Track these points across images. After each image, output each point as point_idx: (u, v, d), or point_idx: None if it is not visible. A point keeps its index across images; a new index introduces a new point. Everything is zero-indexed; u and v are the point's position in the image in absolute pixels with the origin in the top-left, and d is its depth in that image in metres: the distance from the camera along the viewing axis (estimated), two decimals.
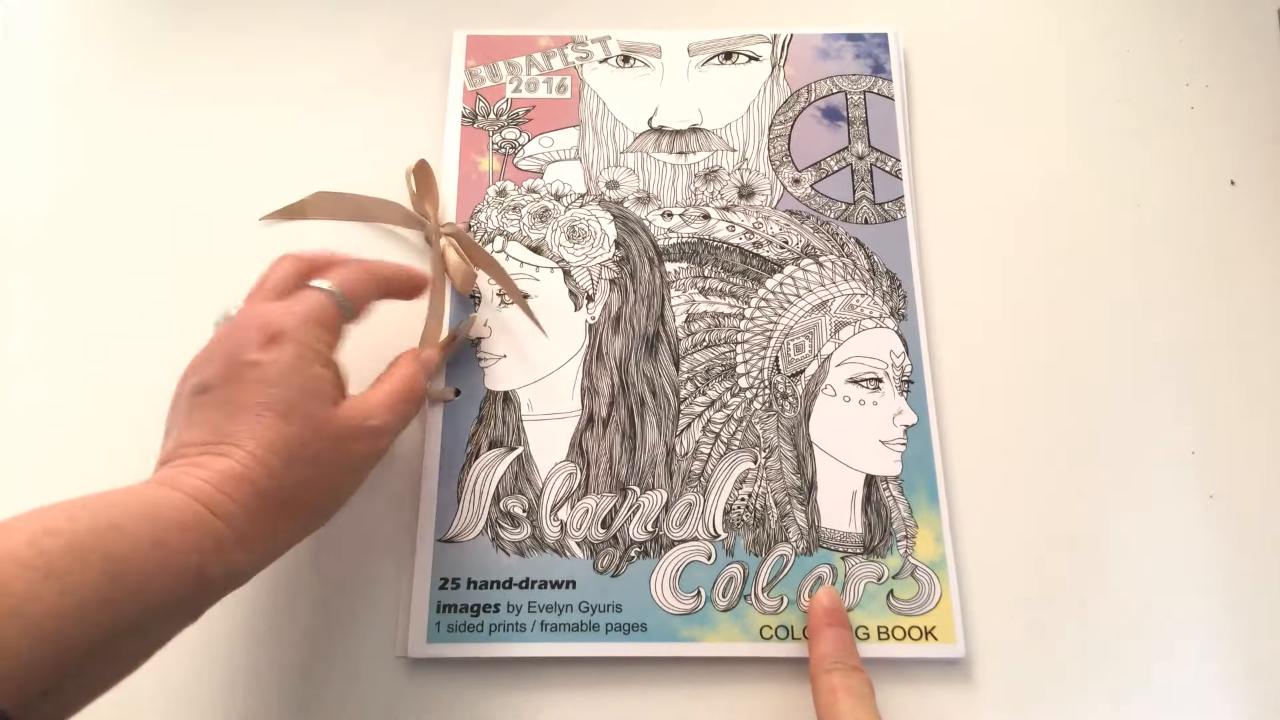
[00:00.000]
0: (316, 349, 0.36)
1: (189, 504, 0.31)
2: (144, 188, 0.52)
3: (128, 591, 0.28)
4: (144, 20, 0.56)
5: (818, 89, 0.53)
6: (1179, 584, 0.44)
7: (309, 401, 0.35)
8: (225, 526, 0.32)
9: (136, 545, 0.29)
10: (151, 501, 0.31)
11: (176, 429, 0.35)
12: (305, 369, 0.35)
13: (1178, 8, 0.56)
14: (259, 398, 0.34)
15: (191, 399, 0.35)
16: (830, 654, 0.39)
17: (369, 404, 0.37)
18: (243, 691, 0.42)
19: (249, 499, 0.32)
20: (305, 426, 0.34)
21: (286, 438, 0.34)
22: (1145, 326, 0.49)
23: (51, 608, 0.26)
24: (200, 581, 0.31)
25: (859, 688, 0.38)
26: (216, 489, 0.32)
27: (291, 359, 0.35)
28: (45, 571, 0.26)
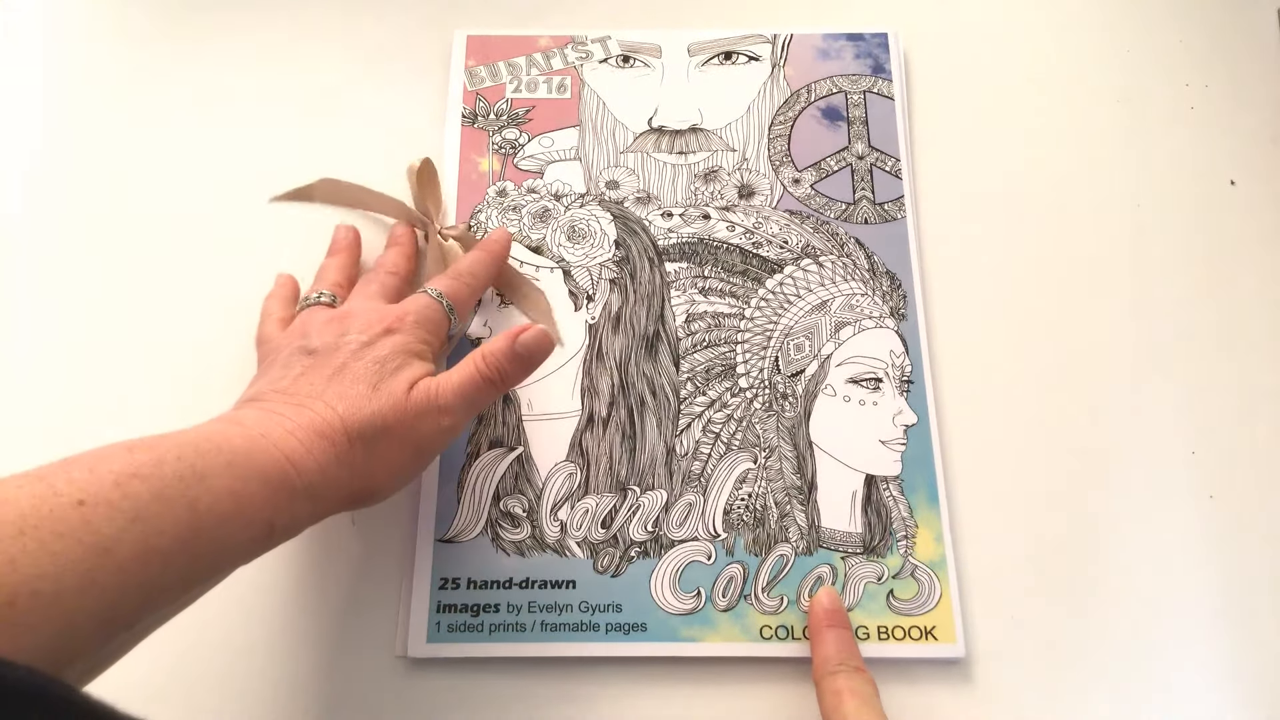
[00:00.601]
0: (418, 345, 0.40)
1: (274, 455, 0.32)
2: (144, 187, 0.52)
3: (208, 539, 0.29)
4: (144, 20, 0.56)
5: (818, 89, 0.53)
6: (1179, 584, 0.44)
7: (395, 379, 0.37)
8: (299, 478, 0.33)
9: (218, 494, 0.30)
10: (235, 448, 0.31)
11: (270, 375, 0.38)
12: (404, 356, 0.38)
13: (1178, 8, 0.56)
14: (359, 369, 0.37)
15: (294, 356, 0.38)
16: (833, 656, 0.39)
17: (440, 386, 0.38)
18: (243, 691, 0.42)
19: (325, 456, 0.34)
20: (386, 400, 0.36)
21: (368, 406, 0.36)
22: (1145, 326, 0.49)
23: (138, 550, 0.27)
24: (269, 531, 0.32)
25: (863, 689, 0.38)
26: (300, 442, 0.33)
27: (397, 346, 0.38)
28: (132, 515, 0.27)
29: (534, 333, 0.39)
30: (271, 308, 0.45)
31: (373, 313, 0.40)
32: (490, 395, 0.39)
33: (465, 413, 0.39)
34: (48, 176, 0.52)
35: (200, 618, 0.42)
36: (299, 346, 0.39)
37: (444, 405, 0.37)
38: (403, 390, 0.37)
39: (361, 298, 0.43)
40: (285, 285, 0.47)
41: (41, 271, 0.50)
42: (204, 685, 0.42)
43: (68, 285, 0.50)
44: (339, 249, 0.48)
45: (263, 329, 0.44)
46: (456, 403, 0.38)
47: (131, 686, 0.42)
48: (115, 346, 0.48)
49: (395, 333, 0.39)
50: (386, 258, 0.47)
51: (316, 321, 0.40)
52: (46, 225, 0.51)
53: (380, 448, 0.36)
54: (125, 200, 0.51)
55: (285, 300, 0.46)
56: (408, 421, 0.37)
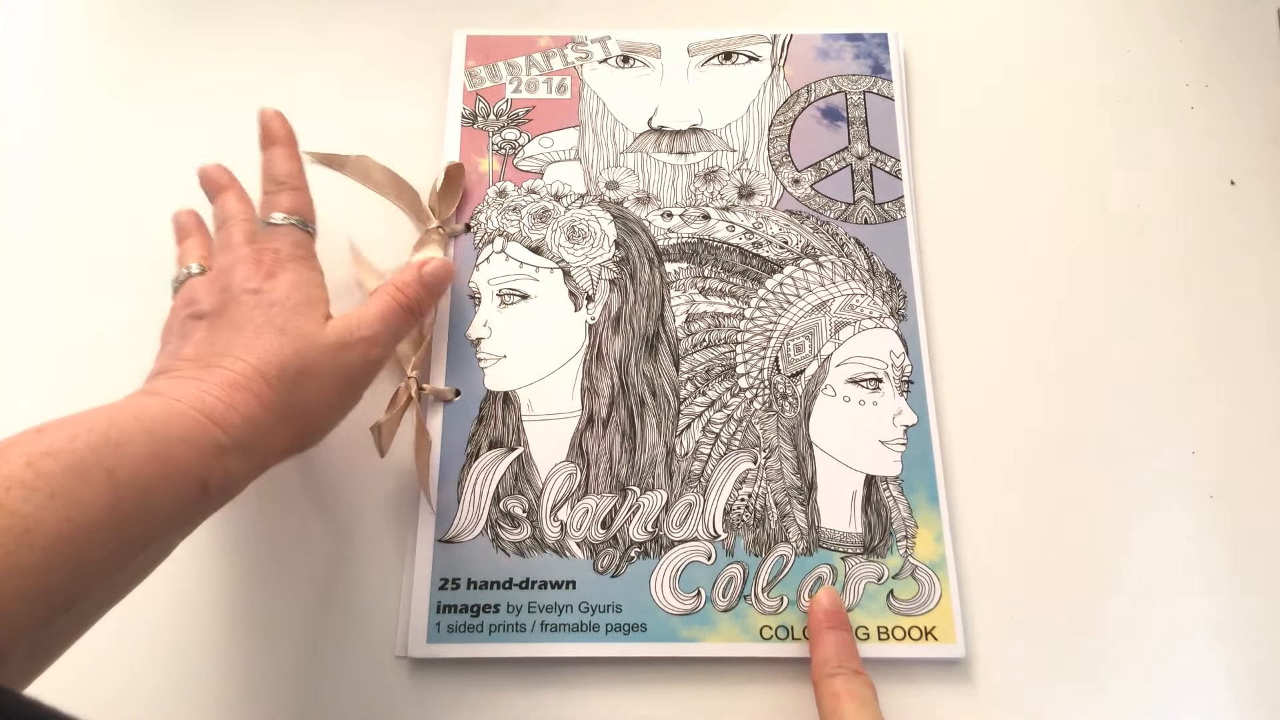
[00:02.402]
0: (308, 275, 0.39)
1: (190, 414, 0.32)
2: (144, 186, 0.52)
3: (134, 507, 0.29)
4: (144, 20, 0.56)
5: (817, 89, 0.53)
6: (1179, 584, 0.44)
7: (302, 318, 0.37)
8: (224, 435, 0.32)
9: (139, 460, 0.29)
10: (152, 415, 0.31)
11: (169, 348, 0.37)
12: (301, 291, 0.38)
13: (1178, 8, 0.56)
14: (256, 317, 0.36)
15: (185, 325, 0.37)
16: (832, 658, 0.39)
17: (360, 315, 0.38)
18: (243, 691, 0.42)
19: (248, 407, 0.33)
20: (300, 340, 0.36)
21: (281, 350, 0.35)
22: (1145, 326, 0.49)
23: (60, 527, 0.27)
24: (203, 491, 0.32)
25: (862, 692, 0.38)
26: (218, 399, 0.33)
27: (289, 283, 0.38)
28: (48, 492, 0.27)
29: (438, 263, 0.42)
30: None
31: (246, 261, 0.39)
32: (409, 323, 0.41)
33: (389, 341, 0.40)
34: (47, 176, 0.52)
35: (200, 617, 0.43)
36: (187, 315, 0.38)
37: (368, 335, 0.38)
38: (315, 327, 0.37)
39: (226, 252, 0.40)
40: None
41: (41, 270, 0.50)
42: (204, 685, 0.42)
43: (67, 284, 0.50)
44: (188, 233, 0.45)
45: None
46: (381, 331, 0.39)
47: (131, 686, 0.42)
48: (115, 345, 0.48)
49: (277, 272, 0.38)
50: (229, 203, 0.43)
51: (195, 288, 0.39)
52: (46, 224, 0.51)
53: (306, 388, 0.36)
54: (125, 200, 0.51)
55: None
56: (331, 356, 0.37)
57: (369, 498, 0.45)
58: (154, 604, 0.42)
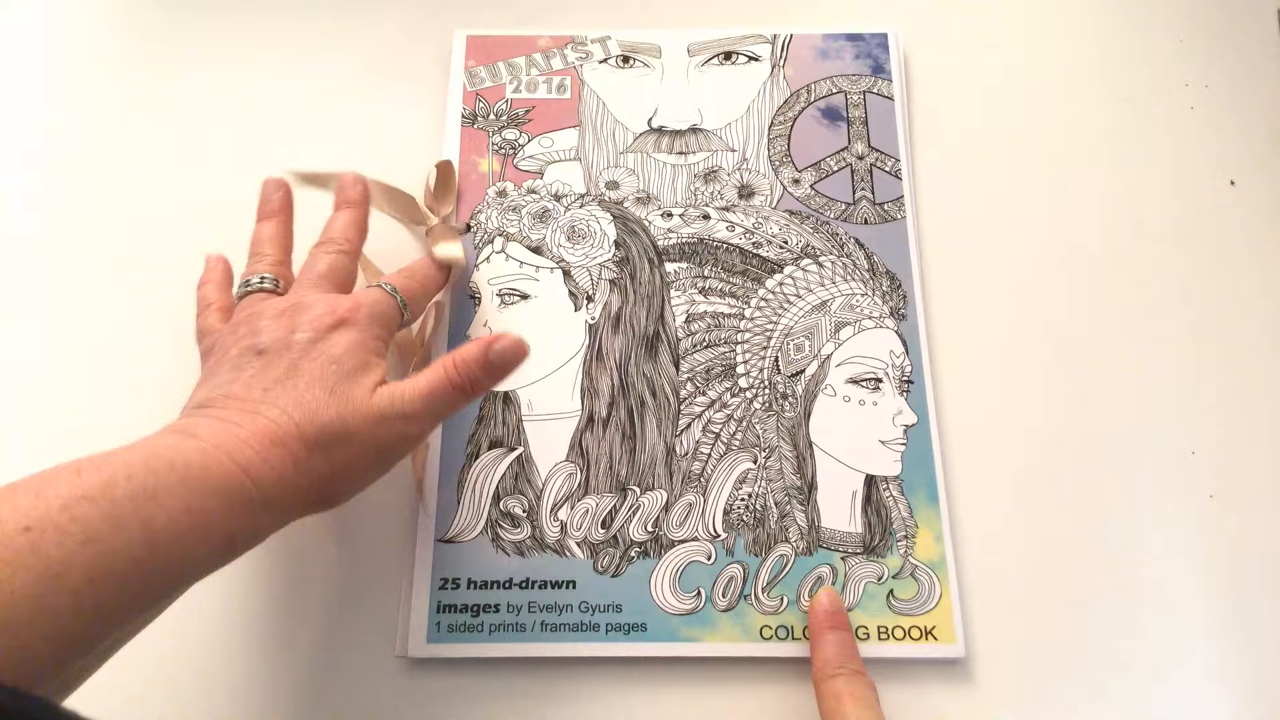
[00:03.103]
0: (374, 343, 0.38)
1: (226, 464, 0.31)
2: (144, 186, 0.52)
3: (165, 558, 0.29)
4: (144, 20, 0.56)
5: (817, 89, 0.53)
6: (1179, 584, 0.44)
7: (353, 383, 0.36)
8: (257, 491, 0.32)
9: (173, 512, 0.29)
10: (188, 462, 0.30)
11: (219, 378, 0.36)
12: (361, 355, 0.37)
13: (1178, 8, 0.56)
14: (312, 371, 0.36)
15: (243, 356, 0.36)
16: (833, 659, 0.39)
17: (406, 391, 0.37)
18: (243, 691, 0.42)
19: (282, 464, 0.33)
20: (345, 405, 0.35)
21: (325, 412, 0.35)
22: (1145, 326, 0.49)
23: (91, 574, 0.26)
24: (229, 545, 0.31)
25: (863, 692, 0.38)
26: (256, 452, 0.32)
27: (352, 344, 0.37)
28: (82, 538, 0.26)
29: (510, 342, 0.37)
30: (209, 295, 0.43)
31: (322, 304, 0.38)
32: (458, 404, 0.38)
33: (431, 421, 0.38)
34: (47, 175, 0.52)
35: (200, 618, 0.43)
36: (247, 346, 0.37)
37: (409, 413, 0.36)
38: (364, 394, 0.36)
39: (309, 284, 0.40)
40: (217, 269, 0.44)
41: (41, 269, 0.50)
42: (204, 685, 0.42)
43: (67, 283, 0.50)
44: (271, 212, 0.44)
45: (202, 320, 0.41)
46: (423, 410, 0.36)
47: (131, 686, 0.42)
48: (115, 344, 0.48)
49: (348, 327, 0.38)
50: (335, 227, 0.43)
51: (263, 315, 0.38)
52: (46, 223, 0.51)
53: (339, 454, 0.35)
54: (125, 199, 0.51)
55: (221, 286, 0.43)
56: (368, 428, 0.35)
57: (369, 498, 0.45)
58: None
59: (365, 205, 0.45)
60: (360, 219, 0.44)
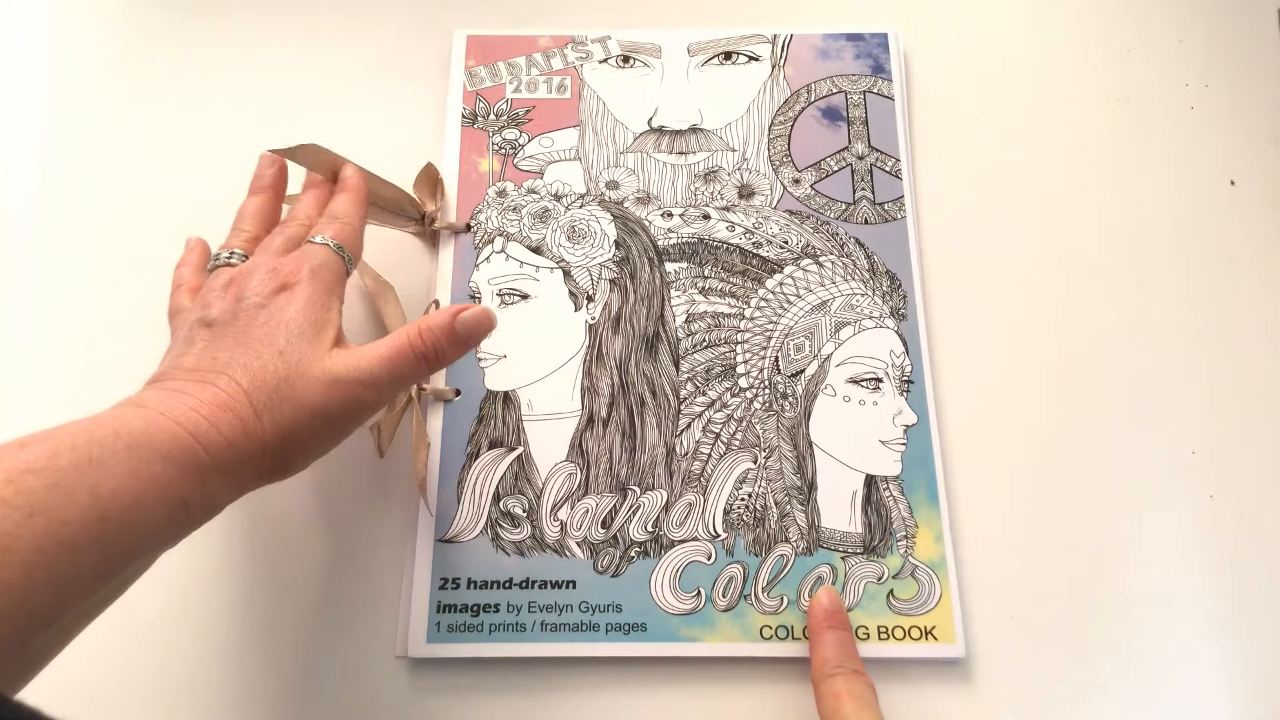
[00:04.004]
0: (325, 297, 0.37)
1: (173, 429, 0.31)
2: (144, 186, 0.52)
3: (116, 525, 0.28)
4: (144, 19, 0.56)
5: (818, 89, 0.53)
6: (1179, 584, 0.44)
7: (304, 343, 0.35)
8: (207, 456, 0.32)
9: (121, 479, 0.29)
10: (134, 431, 0.30)
11: (172, 353, 0.37)
12: (311, 313, 0.36)
13: (1178, 8, 0.56)
14: (260, 336, 0.35)
15: (194, 329, 0.36)
16: (832, 658, 0.39)
17: (363, 354, 0.36)
18: (243, 691, 0.42)
19: (231, 429, 0.32)
20: (296, 366, 0.34)
21: (276, 374, 0.34)
22: (1145, 326, 0.49)
23: (41, 544, 0.26)
24: (184, 509, 0.31)
25: (862, 692, 0.38)
26: (204, 417, 0.32)
27: (301, 304, 0.36)
28: (28, 509, 0.26)
29: (476, 311, 0.37)
30: (183, 276, 0.42)
31: (265, 269, 0.38)
32: (421, 373, 0.37)
33: (390, 388, 0.36)
34: (47, 175, 0.52)
35: (200, 617, 0.43)
36: (198, 319, 0.37)
37: (366, 378, 0.35)
38: (317, 354, 0.35)
39: (263, 253, 0.40)
40: (195, 250, 0.44)
41: (41, 269, 0.50)
42: (204, 685, 0.42)
43: (67, 283, 0.50)
44: (260, 188, 0.44)
45: (174, 300, 0.41)
46: (382, 375, 0.35)
47: (131, 686, 0.42)
48: (115, 344, 0.48)
49: (294, 287, 0.37)
50: (302, 203, 0.43)
51: (213, 288, 0.38)
52: (46, 223, 0.51)
53: (286, 416, 0.34)
54: (125, 199, 0.51)
55: (196, 268, 0.43)
56: (319, 390, 0.34)
57: (369, 498, 0.45)
58: (154, 604, 0.42)
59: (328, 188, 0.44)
60: (323, 198, 0.44)
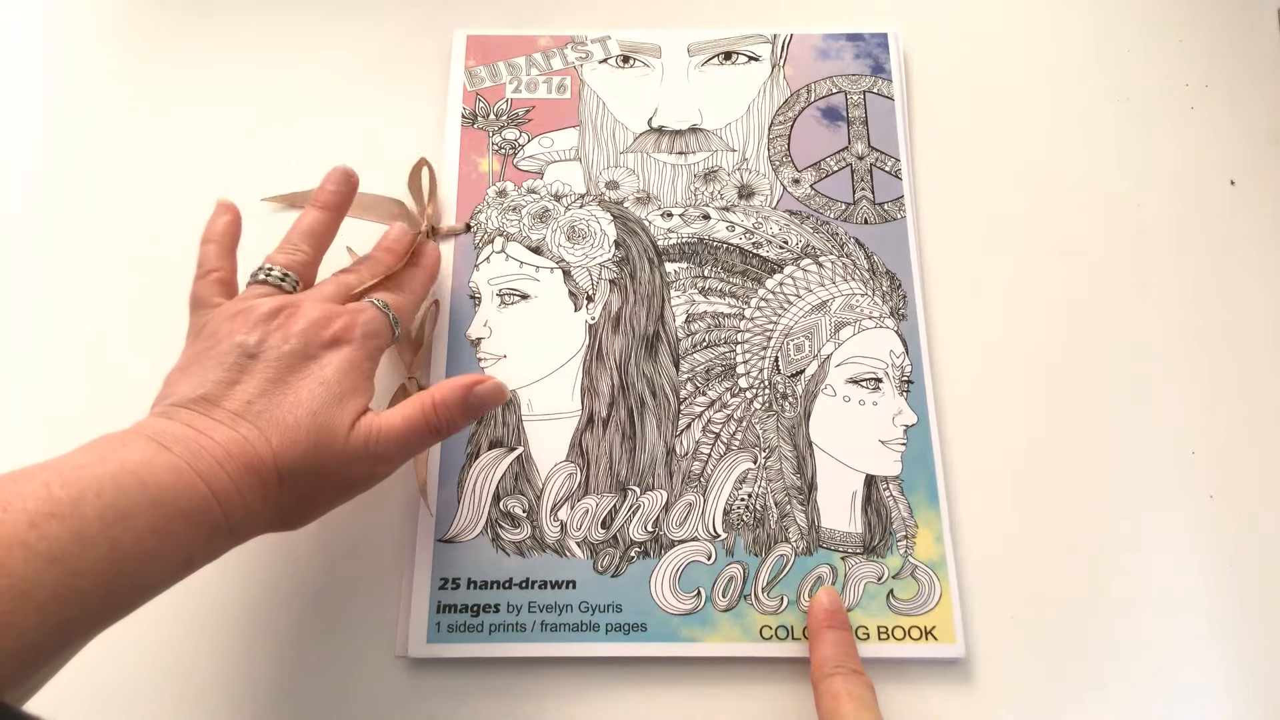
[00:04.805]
0: (366, 364, 0.37)
1: (200, 491, 0.31)
2: (145, 186, 0.52)
3: (129, 577, 0.29)
4: (143, 19, 0.56)
5: (817, 89, 0.53)
6: (1179, 584, 0.44)
7: (337, 409, 0.35)
8: (225, 521, 0.32)
9: (141, 534, 0.29)
10: (160, 483, 0.30)
11: (204, 373, 0.35)
12: (351, 380, 0.36)
13: (1178, 8, 0.56)
14: (298, 388, 0.35)
15: (232, 354, 0.35)
16: (831, 658, 0.39)
17: (381, 430, 0.36)
18: (243, 691, 0.42)
19: (254, 495, 0.33)
20: (326, 433, 0.34)
21: (306, 439, 0.34)
22: (1145, 326, 0.49)
23: (57, 592, 0.26)
24: (188, 565, 0.31)
25: (861, 692, 0.37)
26: (230, 476, 0.32)
27: (345, 366, 0.36)
28: (49, 556, 0.26)
29: (491, 385, 0.38)
30: (210, 258, 0.40)
31: (320, 314, 0.37)
32: (431, 444, 0.38)
33: (402, 460, 0.37)
34: (47, 176, 0.52)
35: (200, 617, 0.43)
36: (239, 343, 0.36)
37: (382, 453, 0.36)
38: (343, 426, 0.35)
39: (317, 297, 0.39)
40: (223, 226, 0.41)
41: (41, 269, 0.50)
42: (204, 685, 0.42)
43: (67, 283, 0.50)
44: (324, 204, 0.42)
45: (200, 288, 0.39)
46: (396, 451, 0.36)
47: (131, 686, 0.42)
48: (115, 344, 0.48)
49: (342, 345, 0.37)
50: (371, 261, 0.43)
51: (260, 311, 0.37)
52: (46, 224, 0.51)
53: (307, 487, 0.35)
54: (125, 199, 0.51)
55: (225, 248, 0.41)
56: (341, 463, 0.35)
57: (369, 498, 0.45)
58: (153, 604, 0.42)
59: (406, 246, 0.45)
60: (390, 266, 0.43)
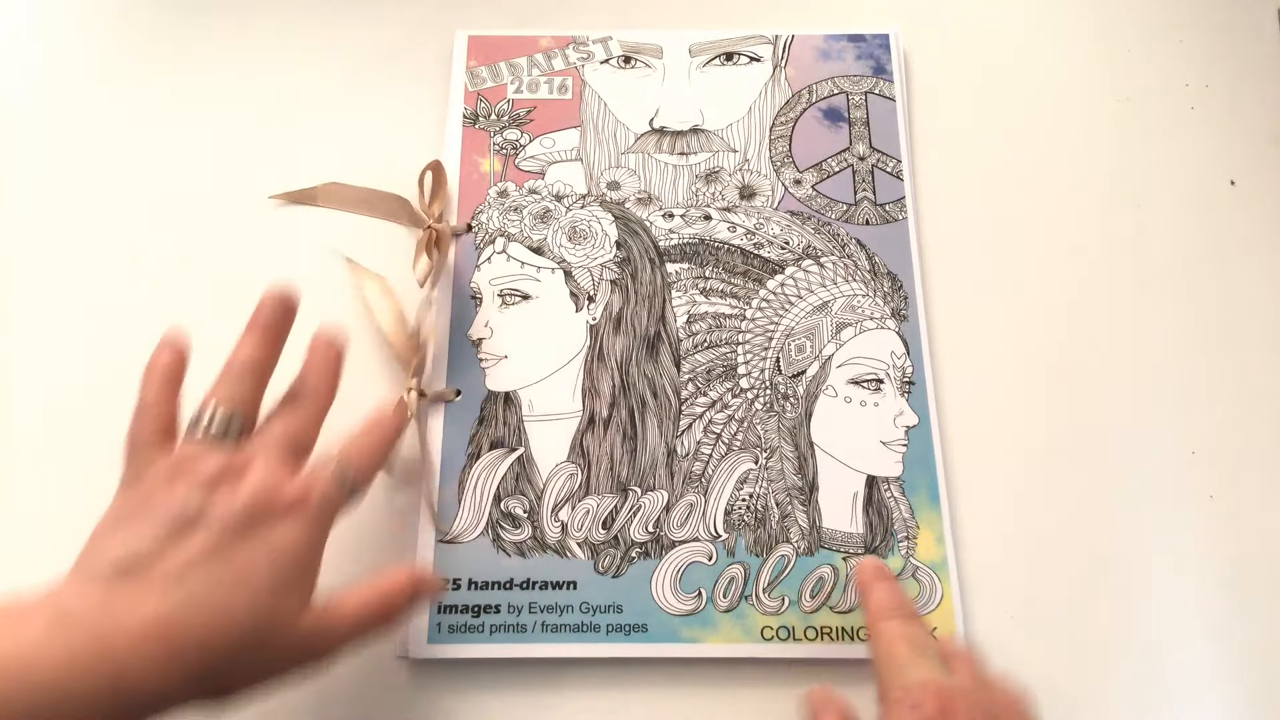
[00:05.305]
0: (318, 541, 0.34)
1: (100, 680, 0.28)
2: (145, 187, 0.52)
3: None
4: (144, 20, 0.56)
5: (819, 90, 0.53)
6: (1179, 584, 0.44)
7: (283, 598, 0.32)
8: (129, 704, 0.29)
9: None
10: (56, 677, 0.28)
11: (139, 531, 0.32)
12: (299, 561, 0.33)
13: (1178, 8, 0.56)
14: (241, 566, 0.32)
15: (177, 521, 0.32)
16: (887, 602, 0.37)
17: (329, 626, 0.33)
18: None
19: (166, 676, 0.30)
20: (264, 625, 0.32)
21: (239, 626, 0.31)
22: (1145, 326, 0.49)
23: None
24: None
25: (919, 636, 0.35)
26: (144, 660, 0.29)
27: (293, 542, 0.33)
28: None
29: (428, 579, 0.36)
30: (150, 396, 0.36)
31: (272, 479, 0.33)
32: (380, 635, 0.35)
33: (345, 653, 0.34)
34: (46, 175, 0.52)
35: None
36: (180, 505, 0.32)
37: (328, 651, 0.33)
38: (287, 615, 0.32)
39: (267, 445, 0.35)
40: (167, 359, 0.37)
41: (40, 268, 0.50)
42: None
43: (66, 282, 0.50)
44: (263, 329, 0.37)
45: (137, 428, 0.35)
46: (344, 649, 0.34)
47: None
48: (115, 343, 0.48)
49: (294, 518, 0.33)
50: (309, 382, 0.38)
51: (205, 470, 0.33)
52: (46, 224, 0.51)
53: (240, 675, 0.32)
54: (126, 200, 0.51)
55: (168, 383, 0.36)
56: (277, 655, 0.32)
57: (369, 498, 0.45)
58: None
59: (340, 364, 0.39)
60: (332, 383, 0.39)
